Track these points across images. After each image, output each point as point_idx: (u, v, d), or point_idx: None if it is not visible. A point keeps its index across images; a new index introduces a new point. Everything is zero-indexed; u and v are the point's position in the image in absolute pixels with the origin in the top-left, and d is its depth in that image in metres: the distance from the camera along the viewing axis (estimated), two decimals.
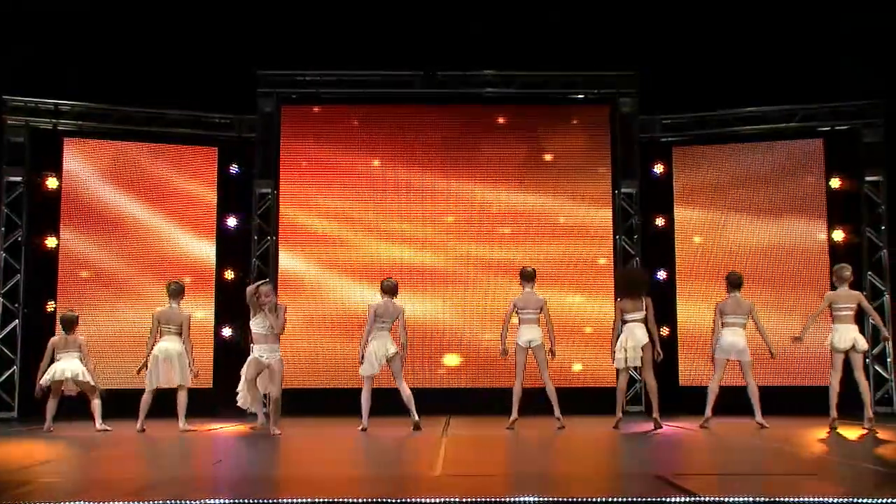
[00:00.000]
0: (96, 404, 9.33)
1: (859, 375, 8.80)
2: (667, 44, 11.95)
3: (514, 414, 9.14)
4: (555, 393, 9.19)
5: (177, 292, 9.35)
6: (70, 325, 9.42)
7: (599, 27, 12.02)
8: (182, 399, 9.19)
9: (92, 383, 9.31)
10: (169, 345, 9.17)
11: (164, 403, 9.39)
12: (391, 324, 9.14)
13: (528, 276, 9.50)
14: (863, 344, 8.89)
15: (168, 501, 4.20)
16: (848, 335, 8.82)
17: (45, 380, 9.16)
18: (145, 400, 9.08)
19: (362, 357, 8.96)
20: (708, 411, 9.11)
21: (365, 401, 8.99)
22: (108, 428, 9.11)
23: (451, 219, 12.75)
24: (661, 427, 8.75)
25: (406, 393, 9.00)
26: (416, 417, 8.88)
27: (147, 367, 9.14)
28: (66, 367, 9.19)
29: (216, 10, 11.70)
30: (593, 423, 9.23)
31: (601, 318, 12.49)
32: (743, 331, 9.33)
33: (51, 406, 9.26)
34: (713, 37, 11.79)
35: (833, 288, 9.21)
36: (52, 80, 11.94)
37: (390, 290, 9.17)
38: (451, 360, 12.38)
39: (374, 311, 9.03)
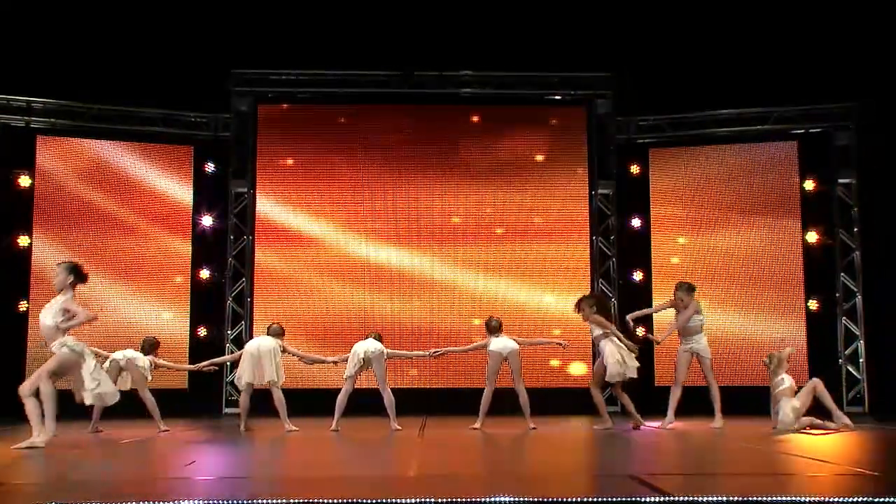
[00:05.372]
0: (150, 401, 9.03)
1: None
2: (643, 46, 12.02)
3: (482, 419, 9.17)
4: (528, 401, 9.16)
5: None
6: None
7: (576, 29, 12.07)
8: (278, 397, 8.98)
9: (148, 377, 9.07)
10: (261, 341, 9.11)
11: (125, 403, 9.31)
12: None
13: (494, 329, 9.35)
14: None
15: (147, 502, 4.17)
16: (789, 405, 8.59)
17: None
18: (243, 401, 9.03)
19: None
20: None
21: (340, 402, 9.00)
22: (167, 428, 8.86)
23: (426, 218, 12.74)
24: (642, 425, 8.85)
25: (388, 398, 9.00)
26: (395, 424, 8.87)
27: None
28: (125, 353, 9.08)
29: (192, 9, 11.62)
30: (568, 422, 9.25)
31: (576, 318, 12.51)
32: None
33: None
34: (689, 39, 11.87)
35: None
36: (26, 77, 11.80)
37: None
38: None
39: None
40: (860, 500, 4.11)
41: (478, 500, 4.21)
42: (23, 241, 11.87)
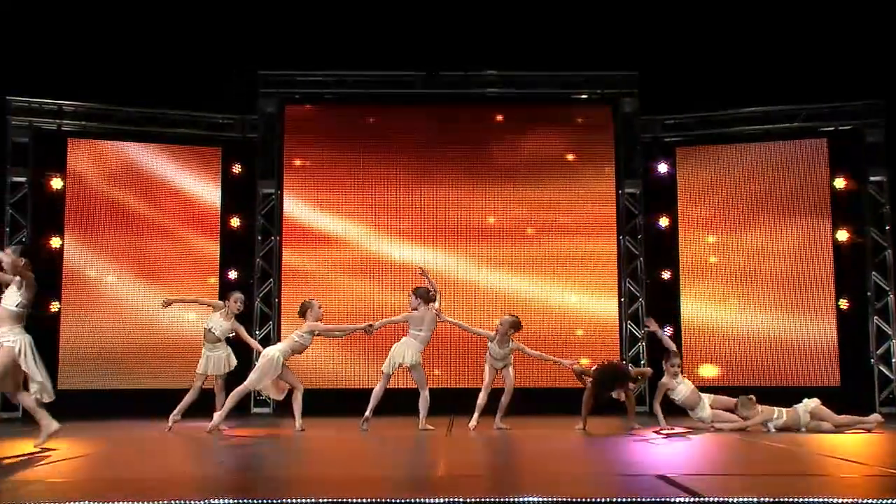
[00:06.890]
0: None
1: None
2: (669, 44, 11.95)
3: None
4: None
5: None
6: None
7: (601, 27, 12.02)
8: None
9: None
10: (269, 351, 8.98)
11: (156, 403, 9.42)
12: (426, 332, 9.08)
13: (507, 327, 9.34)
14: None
15: (169, 501, 4.21)
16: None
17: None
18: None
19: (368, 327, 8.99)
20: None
21: (374, 395, 8.98)
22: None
23: (452, 218, 12.74)
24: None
25: (425, 398, 8.98)
26: (426, 424, 8.86)
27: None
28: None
29: (219, 11, 11.73)
30: (596, 423, 9.21)
31: (603, 318, 12.54)
32: None
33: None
34: (715, 37, 11.79)
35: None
36: (57, 81, 11.97)
37: (425, 297, 9.12)
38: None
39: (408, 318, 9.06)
40: (892, 502, 4.07)
41: (506, 499, 4.21)
42: (55, 242, 12.03)
